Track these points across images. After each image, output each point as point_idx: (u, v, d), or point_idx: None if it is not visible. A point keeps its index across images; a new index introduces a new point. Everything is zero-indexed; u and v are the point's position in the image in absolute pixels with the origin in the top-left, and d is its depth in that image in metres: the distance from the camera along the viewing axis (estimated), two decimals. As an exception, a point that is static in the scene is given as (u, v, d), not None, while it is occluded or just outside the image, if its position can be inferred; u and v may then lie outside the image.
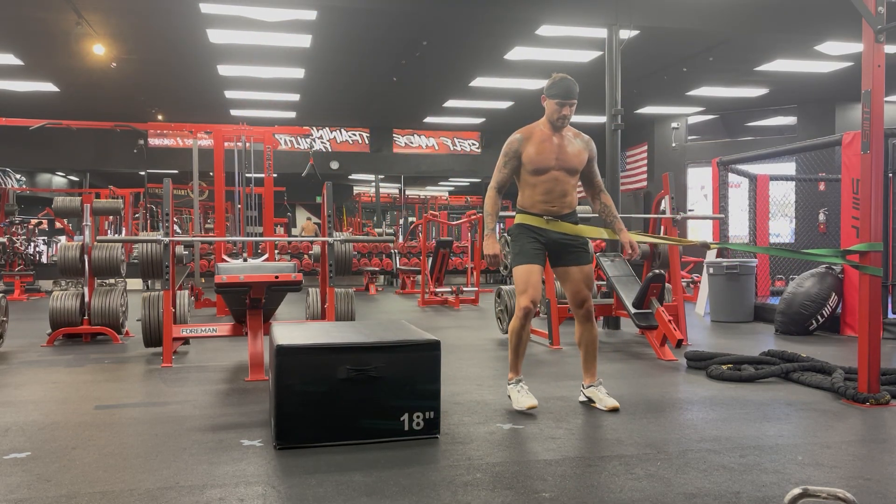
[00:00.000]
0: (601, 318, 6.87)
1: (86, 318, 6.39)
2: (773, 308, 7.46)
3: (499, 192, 3.84)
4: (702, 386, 4.48)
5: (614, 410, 3.72)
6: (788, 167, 11.59)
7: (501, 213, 4.00)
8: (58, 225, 17.54)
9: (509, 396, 3.81)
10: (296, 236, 18.44)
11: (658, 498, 2.51)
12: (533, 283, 3.73)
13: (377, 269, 13.70)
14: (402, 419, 3.18)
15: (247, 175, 9.56)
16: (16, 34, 9.55)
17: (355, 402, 3.14)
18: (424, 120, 15.89)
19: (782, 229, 10.47)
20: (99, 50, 9.53)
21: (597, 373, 3.90)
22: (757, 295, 8.39)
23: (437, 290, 10.54)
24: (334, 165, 16.39)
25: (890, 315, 6.83)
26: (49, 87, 12.21)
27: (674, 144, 15.58)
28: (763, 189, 8.96)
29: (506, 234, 7.02)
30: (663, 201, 6.78)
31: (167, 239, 5.23)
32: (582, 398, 3.93)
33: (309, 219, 21.52)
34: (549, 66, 11.02)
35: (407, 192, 21.33)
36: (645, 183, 16.20)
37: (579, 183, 3.92)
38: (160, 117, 14.62)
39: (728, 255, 8.48)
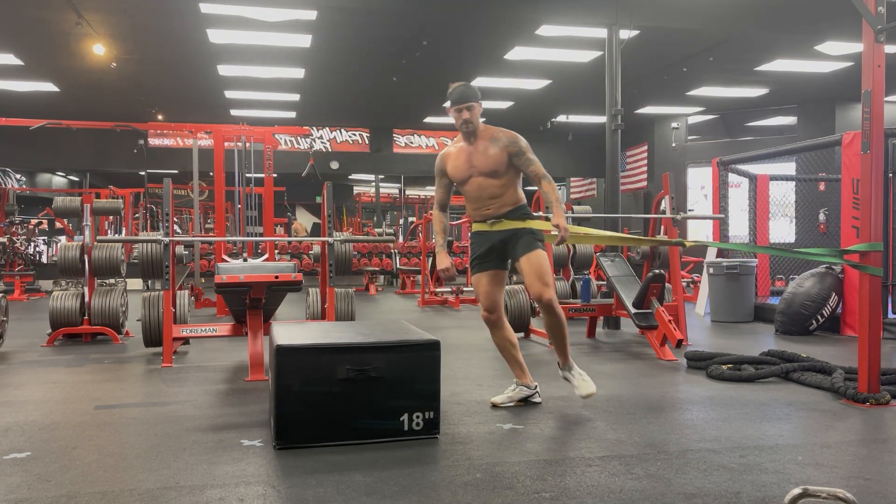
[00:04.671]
0: (601, 317, 6.87)
1: (86, 318, 6.39)
2: (773, 308, 7.46)
3: (441, 210, 4.05)
4: (702, 386, 4.48)
5: (590, 397, 3.82)
6: (788, 167, 11.58)
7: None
8: (58, 225, 17.56)
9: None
10: (295, 236, 18.43)
11: (658, 498, 2.51)
12: (482, 293, 3.90)
13: (377, 269, 13.70)
14: (401, 419, 3.18)
15: (247, 175, 9.56)
16: (16, 34, 9.55)
17: (355, 403, 3.14)
18: (424, 120, 15.88)
19: (784, 231, 10.44)
20: (99, 50, 9.52)
21: (568, 356, 3.92)
22: (757, 295, 8.39)
23: (437, 290, 10.54)
24: (334, 165, 16.37)
25: (890, 315, 6.83)
26: (49, 87, 12.20)
27: (674, 144, 15.58)
28: (763, 189, 8.96)
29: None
30: (663, 201, 6.78)
31: (167, 239, 5.23)
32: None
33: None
34: (549, 66, 11.04)
35: (407, 192, 21.32)
36: (645, 183, 16.20)
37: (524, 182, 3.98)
38: (160, 117, 14.61)
39: (728, 254, 8.48)
